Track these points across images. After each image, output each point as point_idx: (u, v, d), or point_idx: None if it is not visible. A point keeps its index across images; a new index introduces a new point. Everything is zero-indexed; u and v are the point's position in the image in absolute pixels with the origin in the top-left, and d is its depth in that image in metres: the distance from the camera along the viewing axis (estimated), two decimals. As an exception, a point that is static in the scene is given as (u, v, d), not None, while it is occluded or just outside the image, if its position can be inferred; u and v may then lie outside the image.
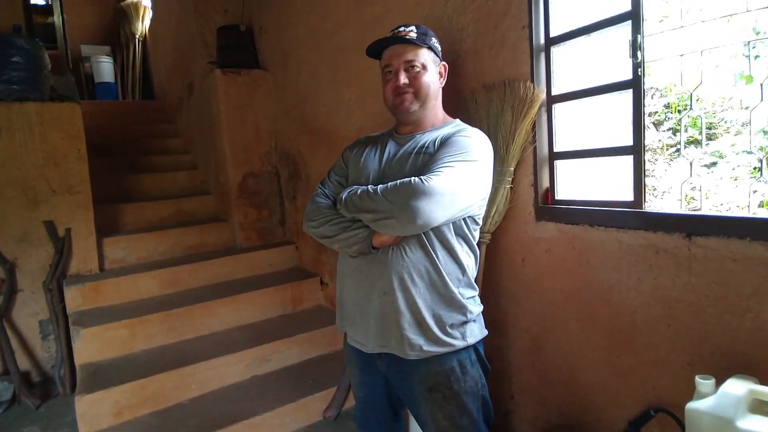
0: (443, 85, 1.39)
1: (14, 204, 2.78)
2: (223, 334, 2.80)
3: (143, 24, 6.21)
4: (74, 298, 2.76)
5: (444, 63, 1.39)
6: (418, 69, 1.29)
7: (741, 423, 0.98)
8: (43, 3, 4.89)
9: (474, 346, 1.31)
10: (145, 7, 6.11)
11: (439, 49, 1.37)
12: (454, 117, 1.44)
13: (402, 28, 1.31)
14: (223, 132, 3.43)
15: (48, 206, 2.87)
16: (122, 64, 6.38)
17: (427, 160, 1.24)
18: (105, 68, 6.09)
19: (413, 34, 1.28)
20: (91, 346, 2.49)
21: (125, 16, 6.17)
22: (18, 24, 2.93)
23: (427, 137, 1.32)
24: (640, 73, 1.33)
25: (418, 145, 1.31)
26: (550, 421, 1.71)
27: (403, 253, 1.24)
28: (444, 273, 1.25)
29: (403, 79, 1.28)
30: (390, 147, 1.37)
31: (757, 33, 2.18)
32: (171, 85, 5.17)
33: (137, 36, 6.23)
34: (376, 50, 1.35)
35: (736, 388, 1.04)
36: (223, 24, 3.64)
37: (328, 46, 2.71)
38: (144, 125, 5.08)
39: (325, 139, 2.87)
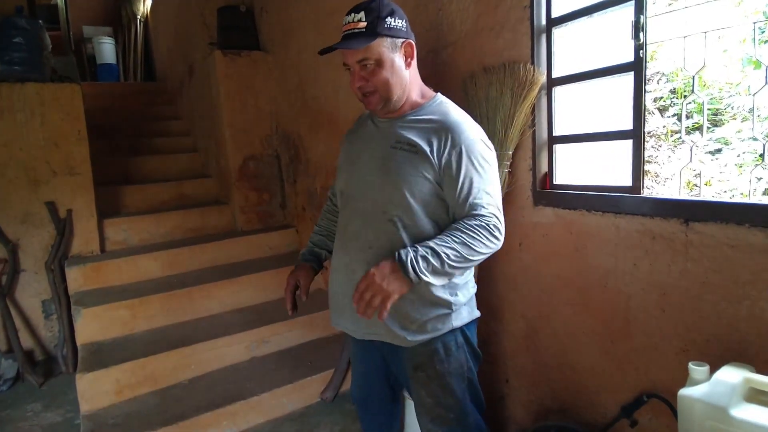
0: (412, 64, 1.25)
1: (16, 185, 2.79)
2: (222, 316, 2.82)
3: (145, 5, 6.15)
4: (76, 279, 2.79)
5: (409, 41, 1.23)
6: (371, 66, 1.19)
7: (735, 411, 0.97)
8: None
9: (462, 330, 1.29)
10: (146, -13, 6.05)
11: (401, 25, 1.21)
12: (454, 101, 1.35)
13: (352, 16, 1.18)
14: (224, 114, 3.41)
15: (49, 187, 2.88)
16: (124, 45, 6.34)
17: (405, 157, 1.20)
18: (107, 49, 6.05)
19: (362, 24, 1.16)
20: (92, 326, 2.52)
21: (127, -4, 6.11)
22: (20, 5, 2.90)
23: (406, 123, 1.25)
24: (642, 55, 1.30)
25: (396, 136, 1.24)
26: (543, 405, 1.71)
27: (383, 252, 1.21)
28: None
29: (360, 80, 1.21)
30: (366, 137, 1.33)
31: None
32: (172, 66, 5.14)
33: (139, 17, 6.17)
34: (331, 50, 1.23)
35: (731, 375, 1.03)
36: (224, 4, 3.59)
37: (328, 26, 2.67)
38: (145, 107, 5.07)
39: (325, 120, 2.85)
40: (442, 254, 1.11)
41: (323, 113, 2.86)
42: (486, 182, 1.19)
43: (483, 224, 1.15)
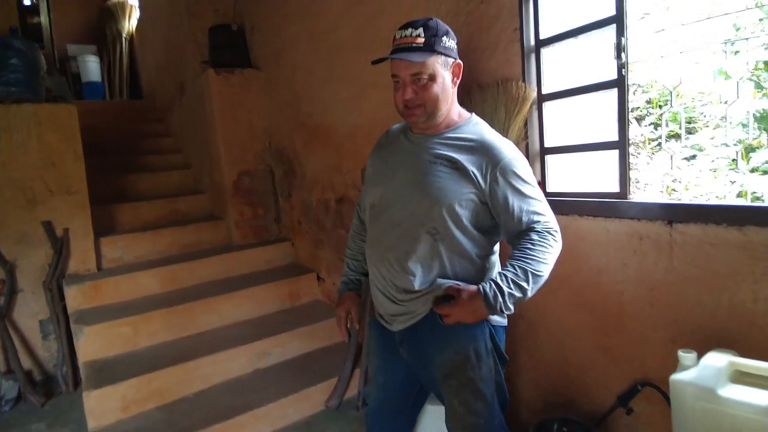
0: (456, 83, 1.31)
1: (13, 205, 2.80)
2: (224, 330, 2.86)
3: (130, 23, 6.18)
4: (74, 298, 2.80)
5: (458, 62, 1.29)
6: (424, 81, 1.23)
7: (722, 391, 1.07)
8: (29, 3, 4.85)
9: (491, 335, 1.34)
10: (131, 6, 6.08)
11: (453, 46, 1.28)
12: None
13: (409, 31, 1.23)
14: (218, 131, 3.48)
15: (46, 207, 2.90)
16: (109, 63, 6.34)
17: (445, 172, 1.25)
18: (92, 68, 6.05)
19: (420, 40, 1.21)
20: (94, 344, 2.53)
21: (111, 15, 6.13)
22: (15, 26, 2.93)
23: (443, 140, 1.30)
24: (624, 73, 1.43)
25: (434, 151, 1.29)
26: (545, 401, 1.81)
27: (421, 260, 1.29)
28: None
29: (410, 93, 1.24)
30: (401, 152, 1.38)
31: (738, 30, 2.31)
32: (161, 84, 5.17)
33: (124, 35, 6.19)
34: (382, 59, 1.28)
35: (717, 360, 1.14)
36: (215, 23, 3.67)
37: (322, 45, 2.78)
38: (134, 125, 5.09)
39: (321, 136, 2.94)
40: (523, 284, 1.19)
41: (319, 128, 2.95)
42: (533, 191, 1.26)
43: (544, 233, 1.23)
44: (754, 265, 1.20)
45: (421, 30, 1.22)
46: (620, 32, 1.42)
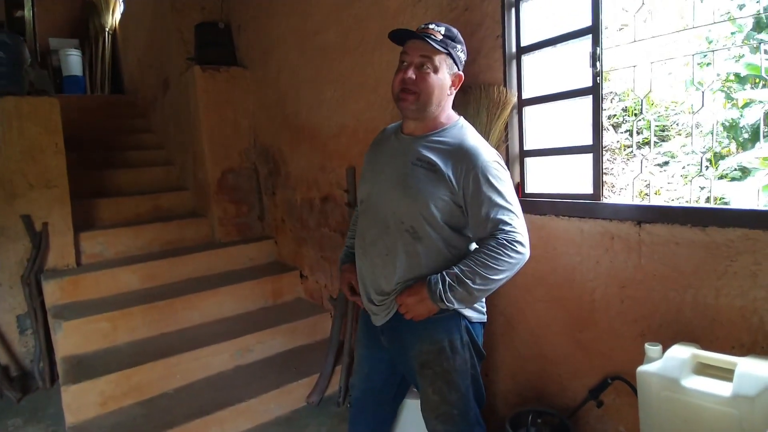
0: (452, 91, 1.38)
1: (-9, 198, 2.76)
2: (205, 327, 2.85)
3: (113, 17, 6.11)
4: (53, 292, 2.77)
5: (460, 74, 1.37)
6: (428, 70, 1.30)
7: (685, 382, 1.14)
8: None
9: (467, 330, 1.38)
10: (115, 0, 6.01)
11: (462, 58, 1.37)
12: None
13: (432, 26, 1.32)
14: (202, 129, 3.47)
15: (25, 200, 2.86)
16: (91, 57, 6.25)
17: (424, 174, 1.31)
18: (73, 61, 5.96)
19: (439, 36, 1.30)
20: (73, 339, 2.51)
21: (95, 8, 6.04)
22: (1, 20, 2.90)
23: (427, 143, 1.35)
24: (598, 81, 1.50)
25: (417, 154, 1.34)
26: (521, 395, 1.87)
27: (398, 258, 1.35)
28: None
29: (411, 73, 1.30)
30: (390, 152, 1.44)
31: (710, 42, 2.43)
32: (144, 80, 5.12)
33: (107, 29, 6.11)
34: (399, 37, 1.35)
35: (681, 352, 1.21)
36: (201, 21, 3.67)
37: (309, 45, 2.81)
38: (115, 120, 5.04)
39: (307, 135, 2.97)
40: (468, 282, 1.24)
41: (305, 128, 2.98)
42: (504, 199, 1.28)
43: (504, 242, 1.24)
44: (716, 264, 1.28)
45: (443, 29, 1.33)
46: (596, 42, 1.49)
